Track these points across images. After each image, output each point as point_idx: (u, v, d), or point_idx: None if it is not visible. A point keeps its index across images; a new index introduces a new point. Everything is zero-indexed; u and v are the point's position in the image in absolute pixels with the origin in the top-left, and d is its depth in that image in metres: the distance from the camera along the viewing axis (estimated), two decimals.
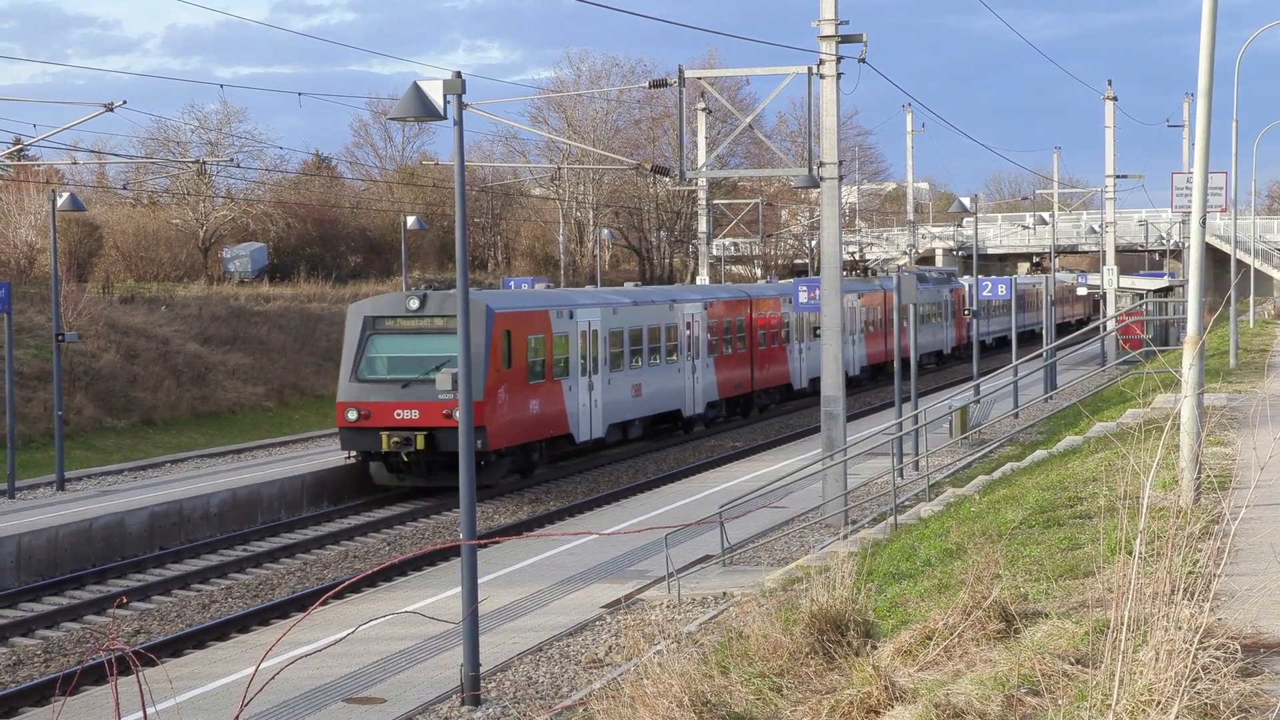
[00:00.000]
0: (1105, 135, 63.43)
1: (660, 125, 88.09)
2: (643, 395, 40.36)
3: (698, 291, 47.49)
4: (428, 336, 33.09)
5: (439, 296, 33.20)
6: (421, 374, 32.57)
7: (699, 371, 44.16)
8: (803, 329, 52.67)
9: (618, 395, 38.79)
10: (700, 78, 40.54)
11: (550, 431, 35.39)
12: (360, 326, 33.48)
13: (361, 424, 32.57)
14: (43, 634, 22.31)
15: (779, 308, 50.93)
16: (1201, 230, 16.88)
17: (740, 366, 47.76)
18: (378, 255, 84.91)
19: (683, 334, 43.07)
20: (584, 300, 38.32)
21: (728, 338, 46.54)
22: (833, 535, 24.86)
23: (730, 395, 47.15)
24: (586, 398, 36.95)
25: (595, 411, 37.44)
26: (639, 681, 10.66)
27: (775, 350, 50.72)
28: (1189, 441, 15.23)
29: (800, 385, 53.21)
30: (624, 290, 44.47)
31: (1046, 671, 9.19)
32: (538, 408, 34.61)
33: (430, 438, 32.09)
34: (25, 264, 63.17)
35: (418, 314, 33.08)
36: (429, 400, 32.08)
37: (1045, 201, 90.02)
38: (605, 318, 38.29)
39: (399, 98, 16.79)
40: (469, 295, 32.79)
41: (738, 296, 48.90)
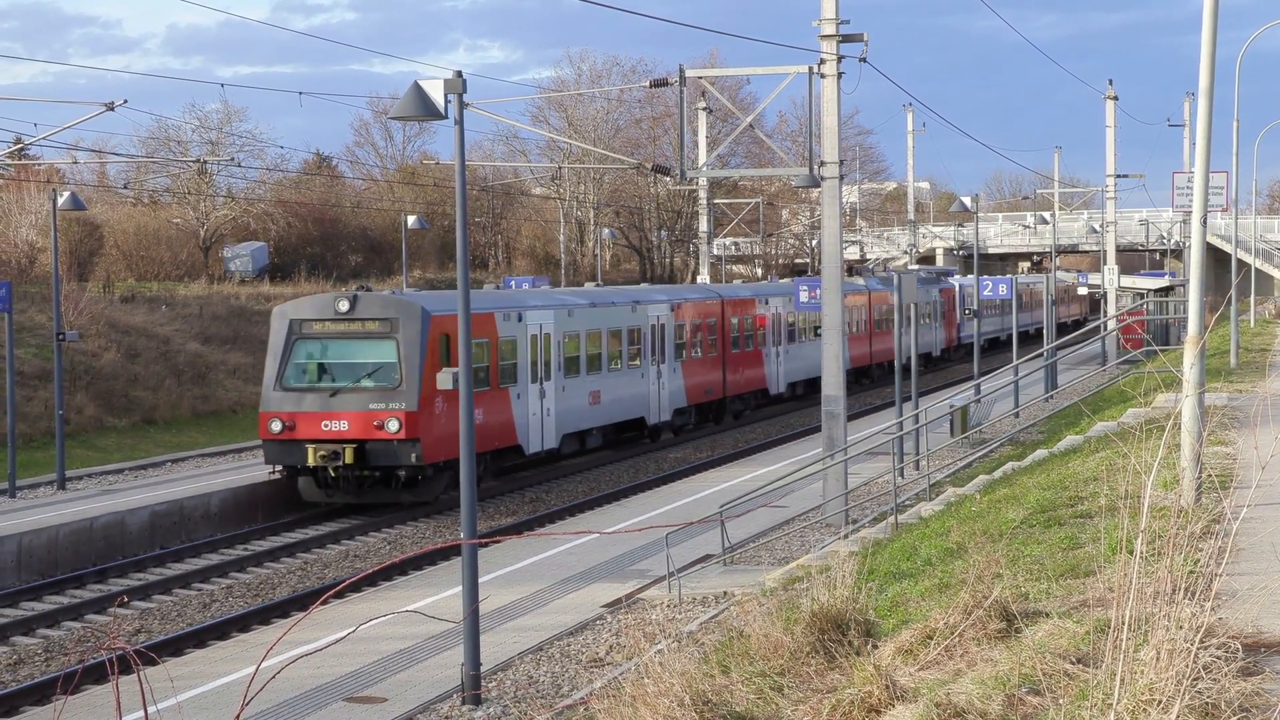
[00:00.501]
0: (1106, 135, 63.43)
1: (661, 125, 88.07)
2: (601, 403, 38.29)
3: (664, 292, 45.37)
4: (358, 341, 31.15)
5: (371, 298, 31.43)
6: (351, 381, 30.78)
7: (665, 377, 42.11)
8: (780, 331, 51.03)
9: (573, 403, 36.72)
10: (701, 77, 40.54)
11: (496, 443, 33.24)
12: (286, 330, 31.31)
13: (286, 436, 30.47)
14: (44, 633, 22.32)
15: (754, 308, 49.22)
16: (1202, 230, 16.88)
17: (711, 371, 45.73)
18: (378, 255, 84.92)
19: (647, 337, 41.01)
20: (535, 302, 36.29)
21: (697, 340, 44.60)
22: (833, 535, 24.86)
23: (700, 401, 45.16)
24: (537, 406, 34.87)
25: (547, 421, 35.35)
26: (640, 681, 10.66)
27: (750, 354, 48.72)
28: (1190, 441, 15.23)
29: (778, 390, 51.51)
30: (581, 291, 42.54)
31: (1047, 671, 9.19)
32: (481, 418, 31.70)
33: (360, 450, 30.11)
34: (26, 263, 63.17)
35: (348, 317, 30.91)
36: (359, 410, 30.29)
37: (1046, 201, 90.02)
38: (559, 320, 36.23)
39: (400, 97, 16.80)
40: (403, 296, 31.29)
41: (708, 297, 46.78)
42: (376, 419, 30.05)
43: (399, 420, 29.97)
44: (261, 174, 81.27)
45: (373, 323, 30.97)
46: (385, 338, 30.82)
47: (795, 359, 52.29)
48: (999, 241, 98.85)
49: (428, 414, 30.52)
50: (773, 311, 50.37)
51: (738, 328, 47.53)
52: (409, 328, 30.54)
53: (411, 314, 30.66)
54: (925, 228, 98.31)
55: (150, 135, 79.52)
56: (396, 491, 30.93)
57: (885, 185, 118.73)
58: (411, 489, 30.90)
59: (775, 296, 51.23)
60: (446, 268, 78.85)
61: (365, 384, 30.65)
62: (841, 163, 27.95)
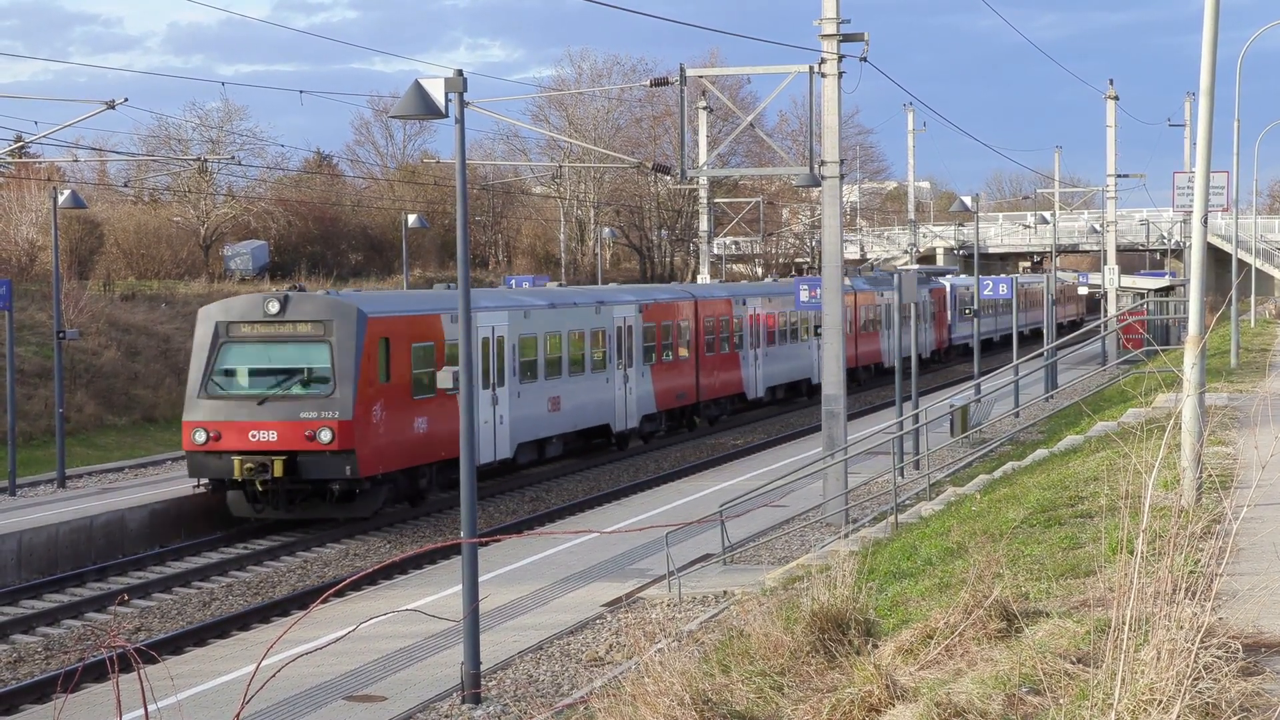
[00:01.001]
0: (1107, 134, 63.42)
1: (661, 124, 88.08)
2: (562, 410, 36.26)
3: (631, 292, 42.89)
4: (289, 345, 29.08)
5: (303, 299, 29.33)
6: (281, 388, 28.80)
7: (632, 381, 40.13)
8: (758, 332, 49.00)
9: (529, 410, 34.69)
10: (701, 76, 40.53)
11: (442, 453, 31.07)
12: (211, 333, 29.25)
13: (210, 447, 28.46)
14: (44, 631, 22.32)
15: (730, 309, 47.20)
16: (1203, 230, 16.88)
17: (683, 375, 43.70)
18: (379, 253, 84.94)
19: (612, 340, 39.10)
20: (487, 302, 33.94)
21: (668, 343, 42.55)
22: (833, 534, 24.87)
23: (671, 407, 43.18)
24: (489, 414, 32.68)
25: (500, 430, 33.24)
26: (640, 680, 10.66)
27: (725, 356, 46.64)
28: (1190, 441, 15.23)
29: (755, 394, 49.35)
30: (541, 291, 40.69)
31: (1048, 671, 9.19)
32: (426, 426, 30.53)
33: (291, 463, 28.13)
34: (26, 261, 63.18)
35: (278, 319, 28.92)
36: (289, 419, 28.30)
37: (1046, 201, 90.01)
38: (514, 322, 34.17)
39: (400, 96, 16.80)
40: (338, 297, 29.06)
41: (680, 298, 44.67)
42: (308, 429, 28.16)
43: (332, 430, 28.10)
44: (262, 172, 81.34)
45: (305, 325, 29.02)
46: (318, 341, 28.90)
47: (775, 362, 50.61)
48: (999, 241, 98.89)
49: (364, 423, 28.63)
50: (750, 312, 48.65)
51: (712, 329, 45.64)
52: (344, 330, 28.72)
53: (347, 316, 28.82)
54: (925, 227, 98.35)
55: (151, 134, 79.61)
56: (331, 506, 29.25)
57: (886, 185, 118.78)
58: (347, 504, 29.26)
59: (753, 297, 49.64)
60: (447, 266, 78.88)
61: (296, 391, 28.76)
62: (842, 162, 27.96)
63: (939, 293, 69.19)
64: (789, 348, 51.45)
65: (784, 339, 51.19)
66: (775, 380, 50.71)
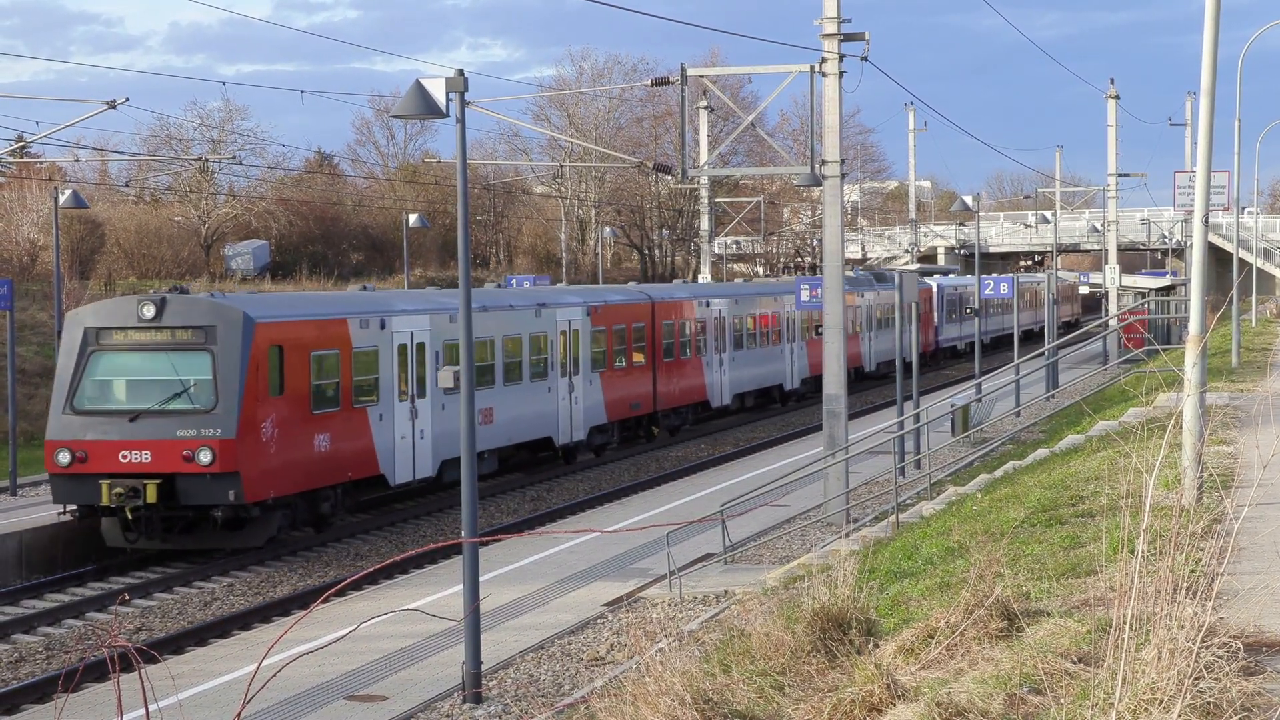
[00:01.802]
0: (1107, 134, 63.41)
1: (662, 123, 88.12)
2: (495, 422, 33.01)
3: (578, 294, 39.73)
4: (166, 354, 25.99)
5: (182, 302, 26.25)
6: (157, 403, 25.67)
7: (579, 390, 37.05)
8: (724, 336, 45.84)
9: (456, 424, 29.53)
10: (702, 76, 40.55)
11: (350, 473, 28.41)
12: (79, 341, 26.11)
13: (77, 469, 25.39)
14: (44, 631, 22.33)
15: (692, 312, 44.06)
16: (1204, 229, 16.87)
17: (638, 383, 40.60)
18: (380, 253, 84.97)
19: (555, 345, 36.04)
20: (405, 305, 31.14)
21: (620, 349, 39.49)
22: (834, 534, 24.87)
23: (625, 417, 40.22)
24: (406, 428, 29.86)
25: (420, 445, 30.36)
26: (641, 679, 10.66)
27: (686, 362, 43.50)
28: (1191, 440, 15.23)
29: (721, 402, 46.10)
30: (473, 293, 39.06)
31: (1049, 670, 9.19)
32: (328, 444, 27.63)
33: (166, 487, 25.16)
34: (28, 261, 63.22)
35: (154, 324, 25.88)
36: (165, 438, 25.27)
37: (1047, 200, 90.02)
38: (437, 327, 31.06)
39: (401, 95, 16.81)
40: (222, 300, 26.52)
41: (635, 299, 41.55)
42: (185, 449, 25.13)
43: (213, 450, 25.10)
44: (263, 172, 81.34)
45: (184, 332, 25.97)
46: (199, 350, 25.84)
47: (744, 367, 47.49)
48: (1000, 241, 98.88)
49: (251, 442, 25.66)
50: (715, 315, 45.48)
51: (671, 333, 42.44)
52: (228, 338, 25.73)
53: (231, 321, 25.82)
54: (926, 227, 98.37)
55: (152, 133, 79.68)
56: (215, 535, 26.25)
57: (887, 184, 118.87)
58: (235, 533, 26.33)
59: (718, 298, 46.52)
60: (448, 266, 78.89)
61: (173, 406, 25.61)
62: (843, 161, 27.97)
63: (925, 293, 65.98)
64: (759, 352, 48.72)
65: (754, 342, 48.37)
66: (744, 387, 47.88)
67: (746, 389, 48.05)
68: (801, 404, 51.76)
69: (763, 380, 49.16)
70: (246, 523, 26.18)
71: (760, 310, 48.57)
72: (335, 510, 28.76)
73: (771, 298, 49.91)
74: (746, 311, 47.83)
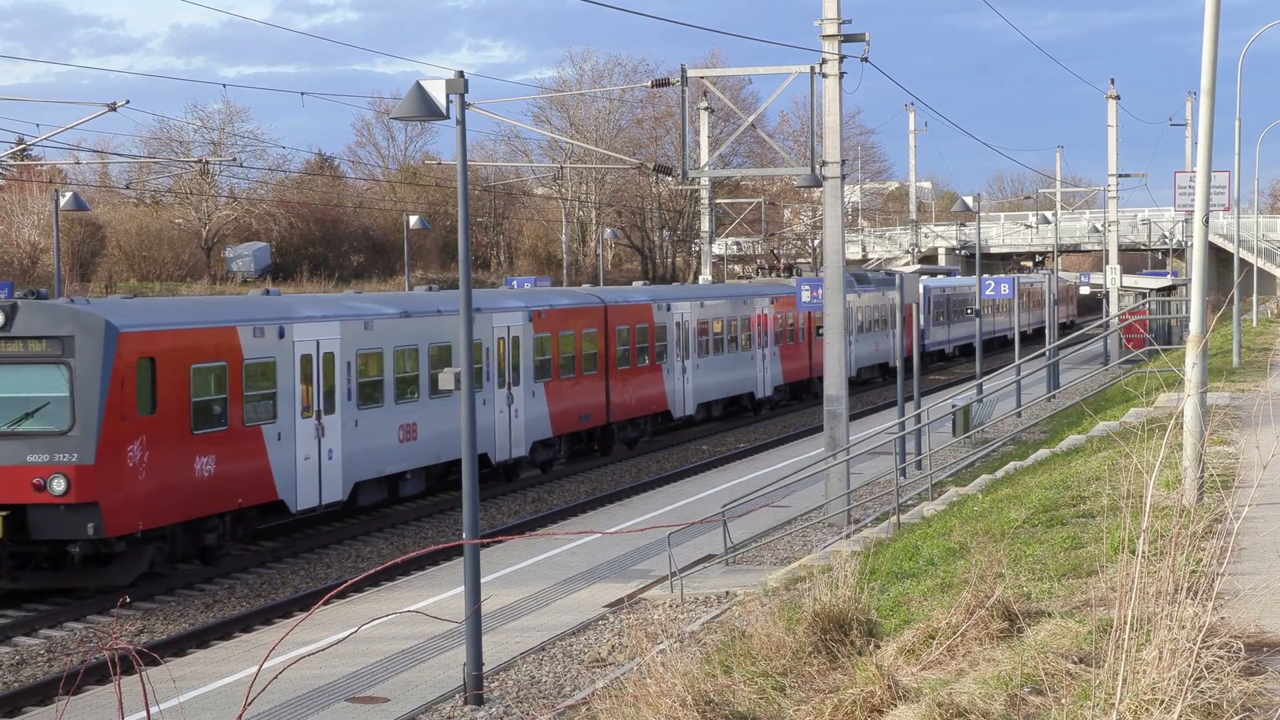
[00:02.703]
0: (1108, 134, 63.42)
1: (663, 124, 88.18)
2: (419, 439, 30.56)
3: (519, 297, 36.32)
4: (16, 368, 23.02)
5: (35, 309, 23.19)
6: (4, 425, 22.79)
7: (519, 402, 34.12)
8: (687, 341, 42.94)
9: (372, 442, 29.00)
10: (703, 77, 40.56)
11: (241, 500, 25.63)
12: None
13: None
14: (46, 633, 22.31)
15: (651, 316, 41.15)
16: (1204, 229, 16.87)
17: (589, 393, 37.71)
18: (380, 255, 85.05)
19: (491, 354, 33.07)
20: (310, 311, 28.16)
21: (569, 356, 36.60)
22: (835, 534, 24.87)
23: (574, 430, 37.32)
24: (312, 448, 27.15)
25: (329, 467, 27.65)
26: (642, 681, 10.67)
27: (645, 370, 40.57)
28: (1192, 440, 15.23)
29: (684, 412, 43.08)
30: (391, 297, 34.75)
31: (1050, 670, 9.19)
32: (213, 468, 24.79)
33: (15, 519, 22.40)
34: (28, 263, 63.26)
35: (2, 335, 23.00)
36: (14, 464, 22.43)
37: (1048, 200, 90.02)
38: (349, 335, 28.35)
39: (402, 97, 16.82)
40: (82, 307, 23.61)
41: (586, 303, 38.59)
42: (37, 476, 22.32)
43: (68, 478, 22.34)
44: (263, 174, 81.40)
45: (37, 343, 23.02)
46: (54, 363, 22.95)
47: (710, 374, 44.55)
48: (1001, 241, 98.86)
49: (113, 468, 22.80)
50: (678, 319, 42.60)
51: (627, 339, 39.67)
52: (88, 349, 22.82)
53: (91, 331, 22.88)
54: (927, 227, 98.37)
55: (153, 135, 79.78)
56: (76, 574, 23.43)
57: (887, 185, 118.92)
58: (99, 569, 23.60)
59: (681, 301, 43.57)
60: (449, 268, 78.93)
61: (24, 429, 22.77)
62: (843, 162, 27.98)
63: None
64: (727, 358, 45.85)
65: (721, 348, 45.48)
66: (709, 395, 44.87)
67: (713, 398, 45.33)
68: (775, 412, 49.46)
69: (731, 388, 46.50)
70: (113, 558, 23.50)
71: (729, 314, 46.12)
72: (224, 541, 25.81)
73: (742, 300, 47.58)
74: (713, 315, 45.11)
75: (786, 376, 49.95)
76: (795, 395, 51.95)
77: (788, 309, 49.10)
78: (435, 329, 31.20)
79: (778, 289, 50.08)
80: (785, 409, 50.19)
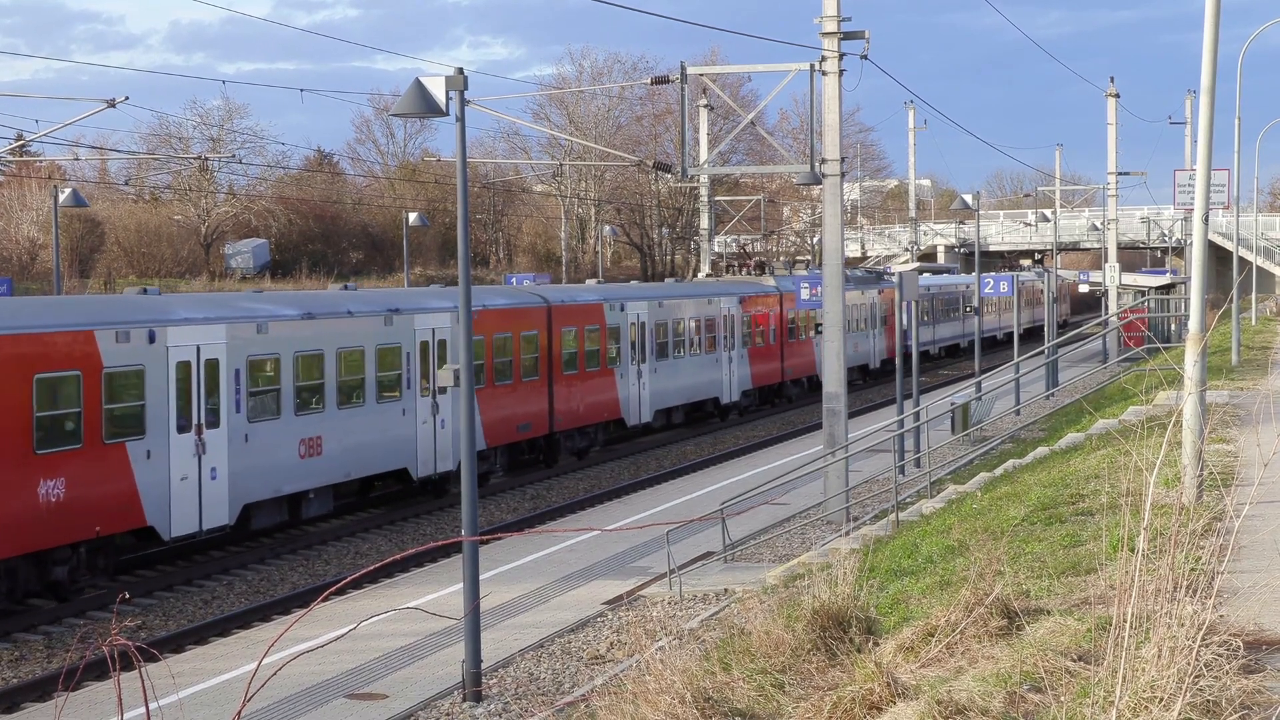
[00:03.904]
0: (1108, 132, 63.43)
1: (662, 122, 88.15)
2: (326, 454, 27.80)
3: (447, 297, 32.45)
4: None
5: None
6: None
7: (445, 411, 31.33)
8: (643, 344, 40.40)
9: (268, 458, 26.17)
10: (702, 74, 40.50)
11: (100, 528, 22.71)
12: None
13: None
14: (45, 629, 22.32)
15: (602, 316, 38.58)
16: (1204, 227, 16.87)
17: (529, 400, 34.81)
18: (379, 252, 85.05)
19: (413, 360, 30.43)
20: (188, 314, 24.99)
21: (505, 360, 33.99)
22: (834, 532, 24.88)
23: (511, 440, 34.48)
24: (190, 467, 24.31)
25: (212, 488, 24.75)
26: (641, 678, 10.67)
27: (594, 375, 37.98)
28: (1191, 438, 15.24)
29: (639, 419, 40.40)
30: (295, 297, 30.84)
31: (1049, 668, 9.19)
32: (62, 492, 22.01)
33: None
34: (27, 260, 63.26)
35: None
36: None
37: (1047, 198, 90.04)
38: (237, 340, 25.56)
39: (401, 94, 16.82)
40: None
41: (526, 303, 35.67)
42: None
43: None
44: (263, 171, 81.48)
45: None
46: None
47: (669, 378, 41.99)
48: (1000, 239, 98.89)
49: None
50: (632, 319, 40.11)
51: (574, 341, 37.10)
52: None
53: None
54: (926, 225, 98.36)
55: (152, 132, 79.82)
56: None
57: (886, 183, 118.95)
58: None
59: (636, 301, 40.79)
60: (448, 265, 78.94)
61: None
62: (843, 160, 27.99)
63: (892, 294, 59.01)
64: (690, 361, 43.30)
65: (682, 350, 42.89)
66: (669, 400, 42.18)
67: (672, 403, 42.68)
68: (745, 418, 47.06)
69: (693, 393, 43.80)
70: None
71: (691, 314, 43.53)
72: (79, 574, 22.90)
73: (705, 299, 45.08)
74: (672, 316, 42.44)
75: (756, 380, 47.79)
76: (766, 400, 49.82)
77: (757, 308, 47.30)
78: (345, 332, 28.58)
79: (746, 287, 48.07)
80: (756, 414, 48.08)
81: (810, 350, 51.47)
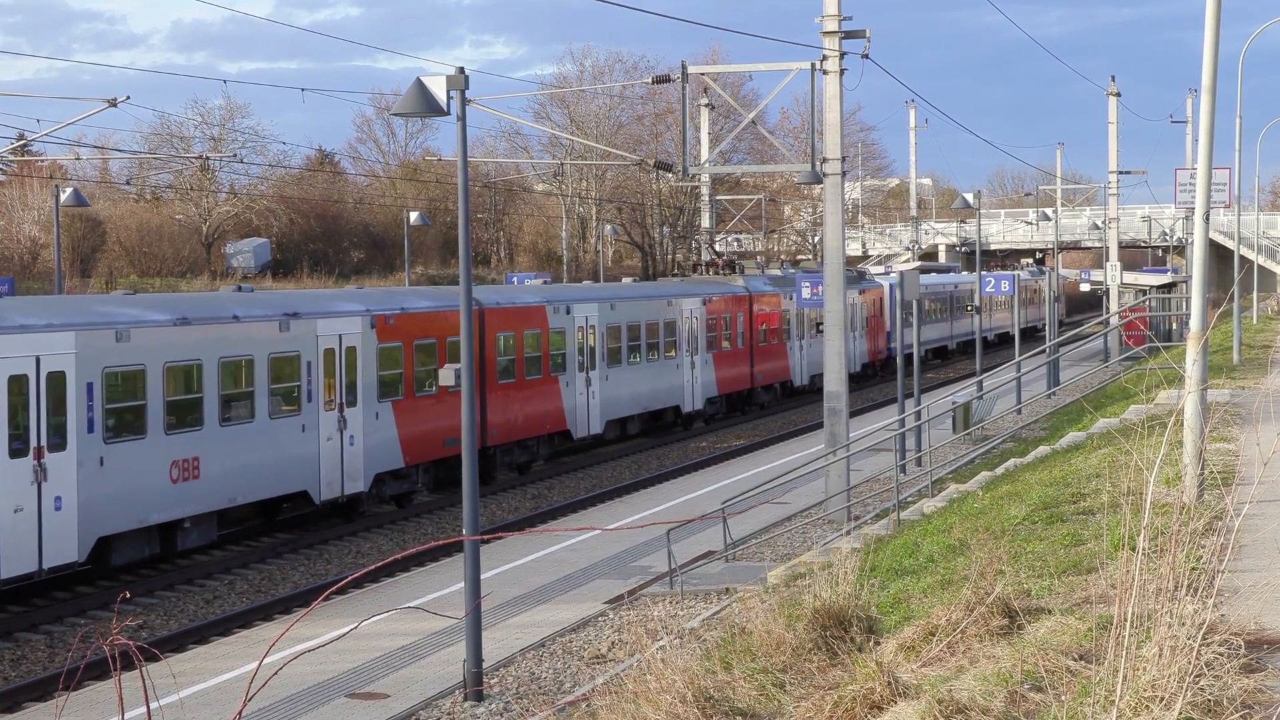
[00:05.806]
0: (1109, 131, 63.40)
1: (663, 121, 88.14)
2: (204, 476, 24.89)
3: (360, 299, 30.24)
4: None
5: None
6: None
7: (355, 426, 28.57)
8: (591, 349, 37.61)
9: (128, 482, 23.34)
10: (703, 73, 40.49)
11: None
12: None
13: None
14: (46, 629, 22.33)
15: (544, 320, 35.74)
16: (1205, 226, 16.87)
17: (456, 412, 28.67)
18: (380, 251, 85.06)
19: (315, 369, 27.52)
20: (27, 320, 22.10)
21: (427, 370, 30.57)
22: (835, 531, 24.87)
23: (437, 456, 31.32)
24: (28, 497, 21.48)
25: (56, 520, 21.88)
26: (642, 677, 10.67)
27: (535, 384, 35.13)
28: (1192, 438, 15.23)
29: (587, 430, 37.44)
30: (167, 300, 28.00)
31: (1050, 667, 9.19)
32: None
33: None
34: (29, 259, 63.27)
35: None
36: None
37: (1049, 197, 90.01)
38: (91, 349, 22.77)
39: (403, 93, 16.82)
40: None
41: (456, 306, 30.44)
42: None
43: None
44: (264, 170, 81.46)
45: None
46: None
47: (622, 386, 39.23)
48: (1001, 238, 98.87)
49: None
50: (580, 323, 37.28)
51: (511, 348, 34.44)
52: None
53: None
54: (927, 224, 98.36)
55: (153, 131, 79.83)
56: None
57: (888, 181, 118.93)
58: None
59: (584, 303, 37.85)
60: (449, 264, 78.94)
61: None
62: (844, 159, 28.00)
63: (874, 295, 57.71)
64: (646, 367, 40.56)
65: (638, 356, 40.22)
66: (622, 410, 39.40)
67: (627, 413, 39.86)
68: (710, 427, 44.36)
69: (650, 401, 40.96)
70: None
71: (647, 317, 40.76)
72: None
73: (665, 301, 42.32)
74: (626, 319, 39.65)
75: (721, 387, 45.02)
76: (734, 407, 47.25)
77: (724, 310, 45.03)
78: (229, 339, 25.64)
79: (711, 288, 45.47)
80: (721, 424, 45.26)
81: (783, 354, 49.42)
